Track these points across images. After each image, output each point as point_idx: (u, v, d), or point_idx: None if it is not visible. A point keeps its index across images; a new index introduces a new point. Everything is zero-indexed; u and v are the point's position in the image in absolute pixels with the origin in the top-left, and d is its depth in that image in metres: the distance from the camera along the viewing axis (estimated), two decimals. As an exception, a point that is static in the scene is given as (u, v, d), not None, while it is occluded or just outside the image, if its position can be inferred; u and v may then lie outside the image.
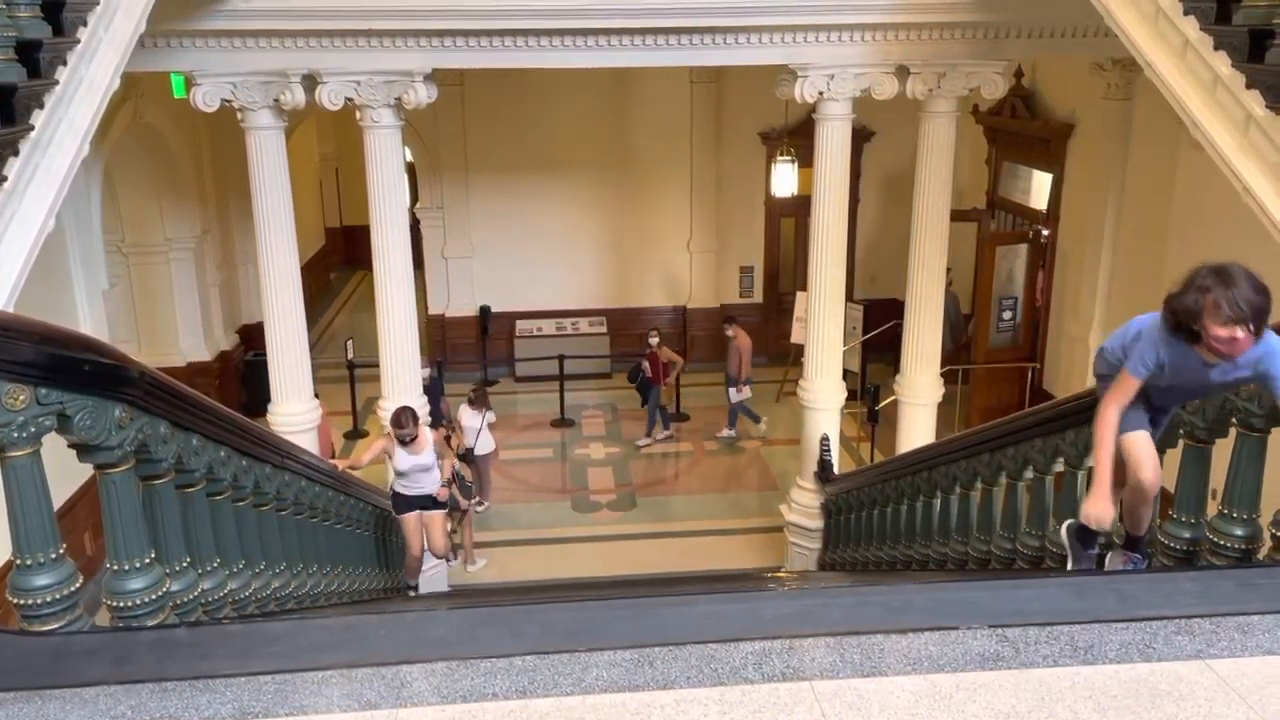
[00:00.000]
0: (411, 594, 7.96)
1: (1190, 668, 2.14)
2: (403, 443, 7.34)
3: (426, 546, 7.88)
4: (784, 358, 14.27)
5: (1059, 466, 4.36)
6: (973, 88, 8.53)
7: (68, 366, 2.52)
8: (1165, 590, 2.62)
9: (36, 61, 4.33)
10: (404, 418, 7.33)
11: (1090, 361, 11.24)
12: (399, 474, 7.49)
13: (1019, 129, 12.01)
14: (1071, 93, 10.99)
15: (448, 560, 8.80)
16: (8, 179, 3.96)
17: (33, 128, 4.19)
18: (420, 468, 7.47)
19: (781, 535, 9.83)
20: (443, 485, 7.81)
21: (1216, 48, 4.74)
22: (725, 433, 13.01)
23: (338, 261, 20.52)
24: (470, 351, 14.92)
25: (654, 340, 12.70)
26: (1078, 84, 10.59)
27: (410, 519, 7.69)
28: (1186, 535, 3.36)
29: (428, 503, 7.69)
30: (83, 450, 2.71)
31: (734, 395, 12.72)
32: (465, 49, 8.06)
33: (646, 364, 12.62)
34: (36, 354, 2.41)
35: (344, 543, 6.41)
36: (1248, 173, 4.54)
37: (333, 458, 8.84)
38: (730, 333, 12.60)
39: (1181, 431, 3.39)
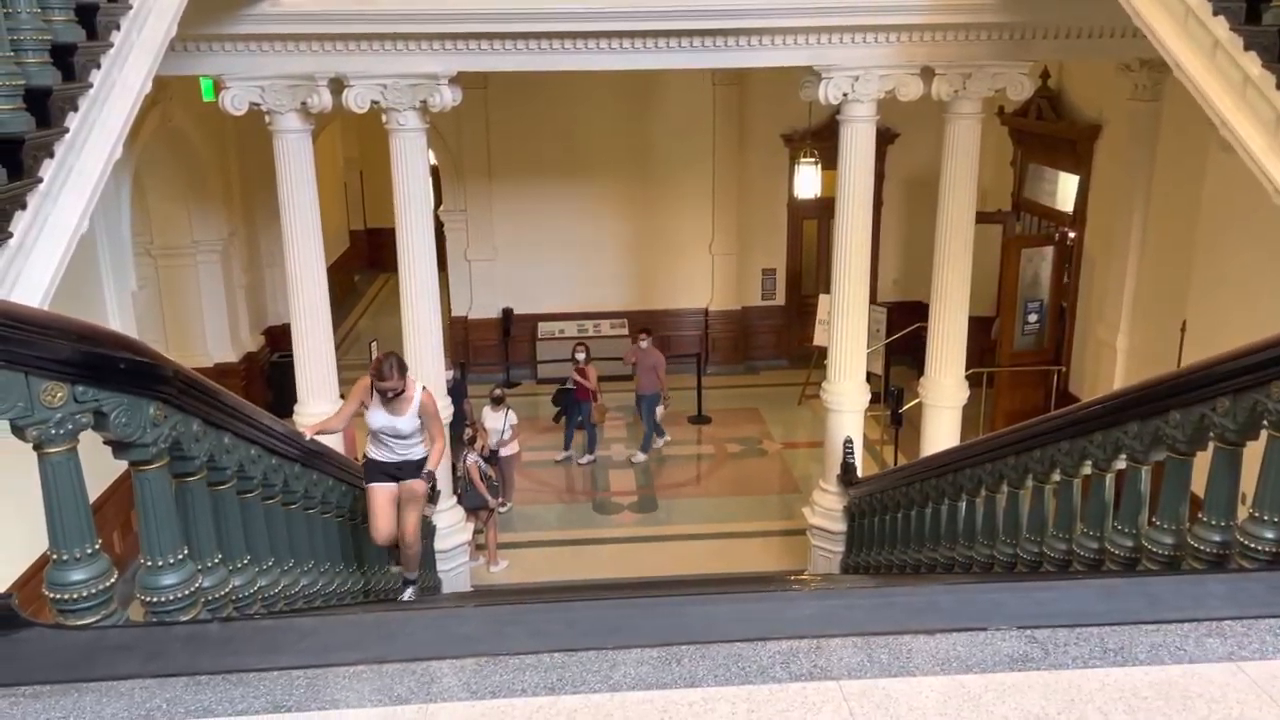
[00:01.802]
0: (408, 591, 6.42)
1: (1221, 670, 2.12)
2: (383, 398, 5.69)
3: (399, 528, 6.03)
4: (806, 360, 14.25)
5: (1086, 469, 4.33)
6: (998, 89, 8.49)
7: (104, 364, 2.56)
8: (1195, 593, 2.60)
9: (71, 65, 4.39)
10: (387, 365, 5.62)
11: (1117, 364, 11.16)
12: (371, 434, 5.95)
13: (1045, 130, 11.93)
14: (1098, 94, 10.91)
15: (406, 568, 6.52)
16: (43, 181, 4.01)
17: (67, 130, 4.25)
18: (394, 433, 5.81)
19: (804, 538, 9.80)
20: (425, 475, 6.00)
21: (1247, 48, 4.70)
22: (640, 456, 12.48)
23: (362, 264, 20.67)
24: (492, 353, 14.98)
25: (580, 356, 12.22)
26: (1105, 85, 10.51)
27: (379, 492, 5.85)
28: (1216, 538, 3.33)
29: (409, 470, 5.95)
30: (118, 447, 2.75)
31: (660, 412, 12.33)
32: (489, 52, 8.10)
33: (575, 378, 12.10)
34: (74, 352, 2.45)
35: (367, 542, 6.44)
36: (1279, 174, 4.49)
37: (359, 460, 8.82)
38: (644, 344, 12.23)
39: (1212, 434, 3.36)
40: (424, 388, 5.96)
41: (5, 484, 5.46)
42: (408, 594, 6.43)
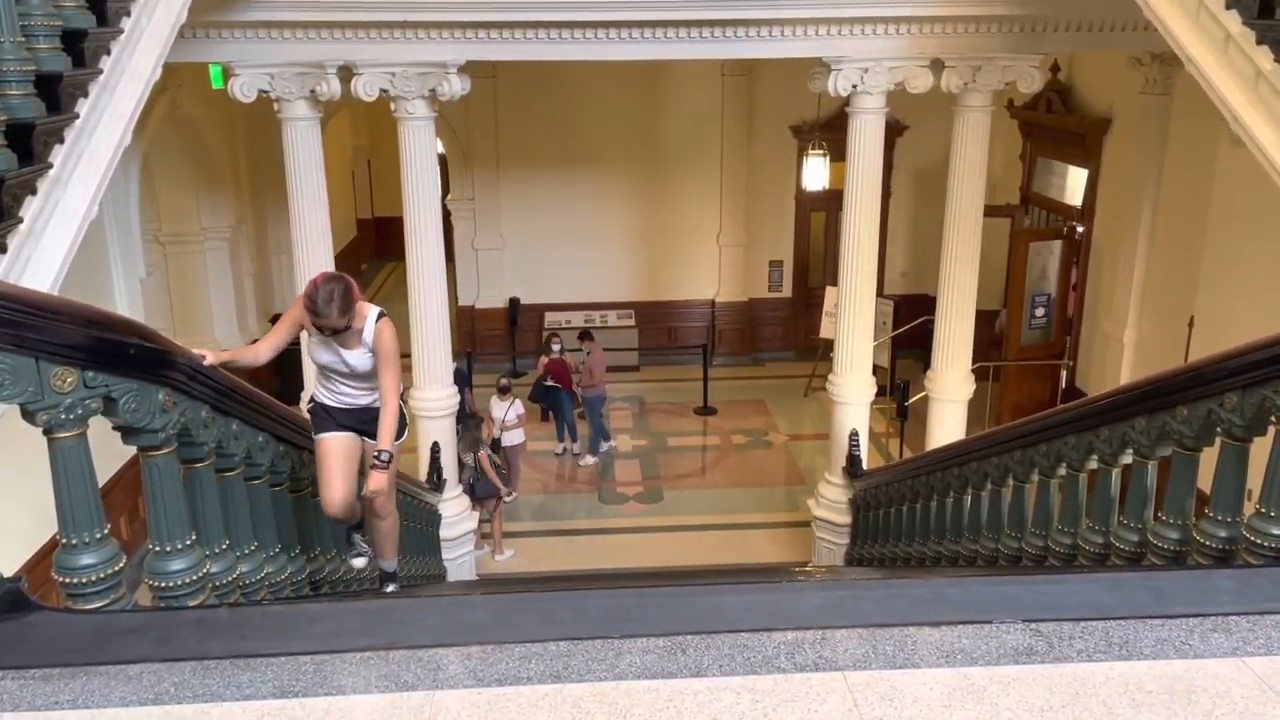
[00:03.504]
0: (391, 588, 4.75)
1: (1227, 665, 2.13)
2: (321, 331, 4.01)
3: (364, 493, 4.29)
4: (812, 352, 14.23)
5: (1093, 464, 4.32)
6: (1008, 82, 8.46)
7: (114, 350, 2.57)
8: (1201, 588, 2.60)
9: (81, 51, 4.40)
10: (323, 297, 3.86)
11: (1124, 358, 11.11)
12: (317, 371, 4.31)
13: (1054, 124, 11.89)
14: (1108, 87, 10.87)
15: (372, 544, 4.67)
16: (53, 166, 4.03)
17: (77, 116, 4.26)
18: (344, 371, 4.16)
19: (808, 530, 9.81)
20: (379, 457, 4.13)
21: (1259, 42, 4.68)
22: (589, 459, 12.24)
23: (369, 253, 20.68)
24: (499, 343, 15.00)
25: (556, 347, 12.09)
26: (1115, 79, 10.46)
27: (331, 445, 4.22)
28: (1223, 534, 3.33)
29: (374, 419, 4.18)
30: (127, 433, 2.76)
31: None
32: (499, 41, 8.09)
33: (550, 376, 11.92)
34: (85, 338, 2.46)
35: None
36: (1290, 169, 4.48)
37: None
38: (587, 349, 12.13)
39: (1219, 430, 3.36)
40: (382, 313, 4.15)
41: (14, 468, 5.48)
42: (389, 591, 4.79)
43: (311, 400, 4.37)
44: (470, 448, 9.88)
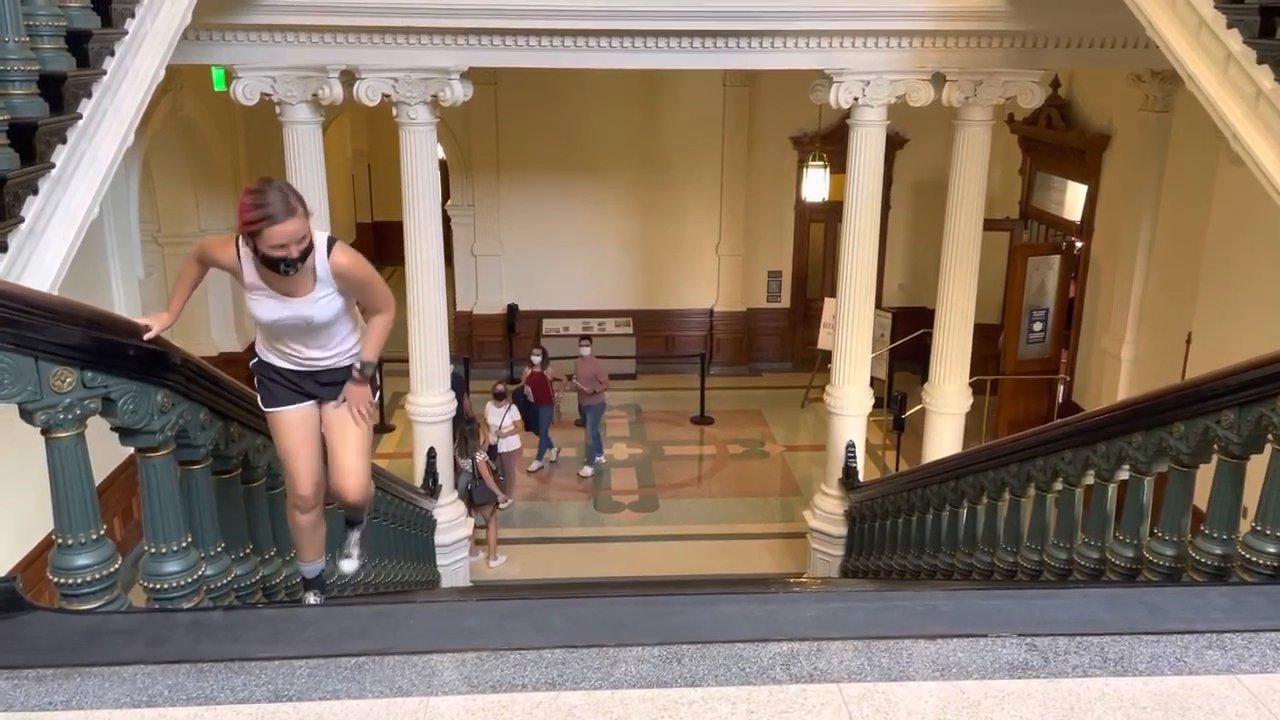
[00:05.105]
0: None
1: (1221, 682, 2.13)
2: (270, 264, 3.03)
3: (332, 482, 3.45)
4: (810, 363, 14.24)
5: (1089, 479, 4.33)
6: (1009, 96, 8.48)
7: (113, 351, 2.57)
8: (1196, 605, 2.60)
9: (85, 52, 4.41)
10: (274, 195, 2.96)
11: (1122, 374, 11.10)
12: (260, 329, 3.43)
13: (1054, 139, 11.92)
14: (1108, 104, 10.90)
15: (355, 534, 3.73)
16: (55, 166, 4.03)
17: (80, 116, 4.26)
18: (302, 329, 3.28)
19: (804, 541, 9.80)
20: (358, 369, 3.41)
21: (1260, 61, 4.69)
22: (586, 468, 12.10)
23: (368, 257, 20.42)
24: (497, 349, 15.00)
25: (536, 359, 11.99)
26: (1115, 95, 10.50)
27: (291, 422, 3.40)
28: (1218, 551, 3.33)
29: (334, 384, 3.40)
30: (125, 434, 2.76)
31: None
32: (501, 48, 8.11)
33: (529, 387, 11.78)
34: (84, 338, 2.47)
35: (377, 537, 6.45)
36: (1289, 188, 4.49)
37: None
38: (586, 352, 12.05)
39: (1216, 447, 3.37)
40: (332, 239, 3.29)
41: (10, 466, 5.47)
42: (350, 562, 3.72)
43: (256, 360, 3.45)
44: (467, 453, 9.88)
